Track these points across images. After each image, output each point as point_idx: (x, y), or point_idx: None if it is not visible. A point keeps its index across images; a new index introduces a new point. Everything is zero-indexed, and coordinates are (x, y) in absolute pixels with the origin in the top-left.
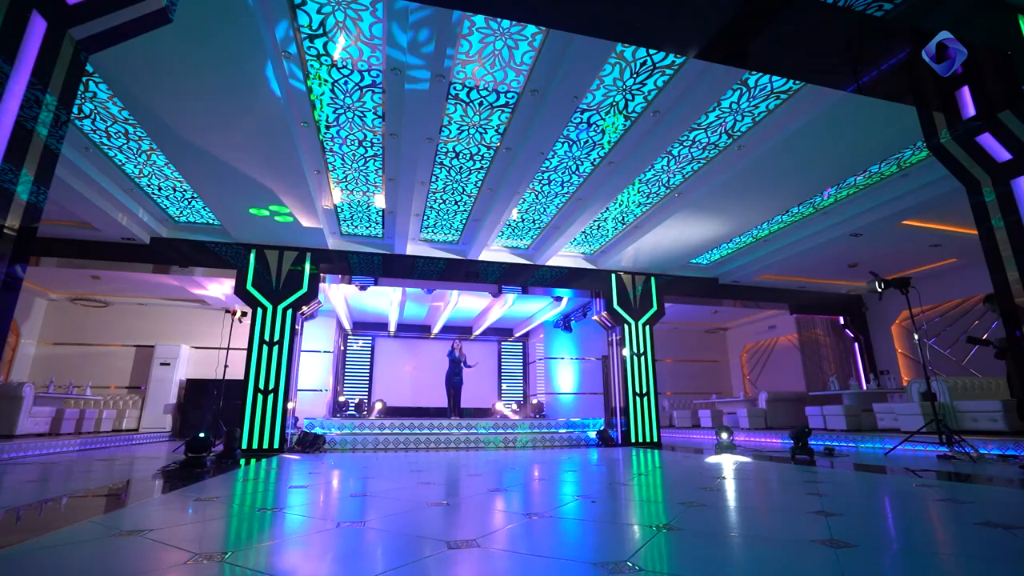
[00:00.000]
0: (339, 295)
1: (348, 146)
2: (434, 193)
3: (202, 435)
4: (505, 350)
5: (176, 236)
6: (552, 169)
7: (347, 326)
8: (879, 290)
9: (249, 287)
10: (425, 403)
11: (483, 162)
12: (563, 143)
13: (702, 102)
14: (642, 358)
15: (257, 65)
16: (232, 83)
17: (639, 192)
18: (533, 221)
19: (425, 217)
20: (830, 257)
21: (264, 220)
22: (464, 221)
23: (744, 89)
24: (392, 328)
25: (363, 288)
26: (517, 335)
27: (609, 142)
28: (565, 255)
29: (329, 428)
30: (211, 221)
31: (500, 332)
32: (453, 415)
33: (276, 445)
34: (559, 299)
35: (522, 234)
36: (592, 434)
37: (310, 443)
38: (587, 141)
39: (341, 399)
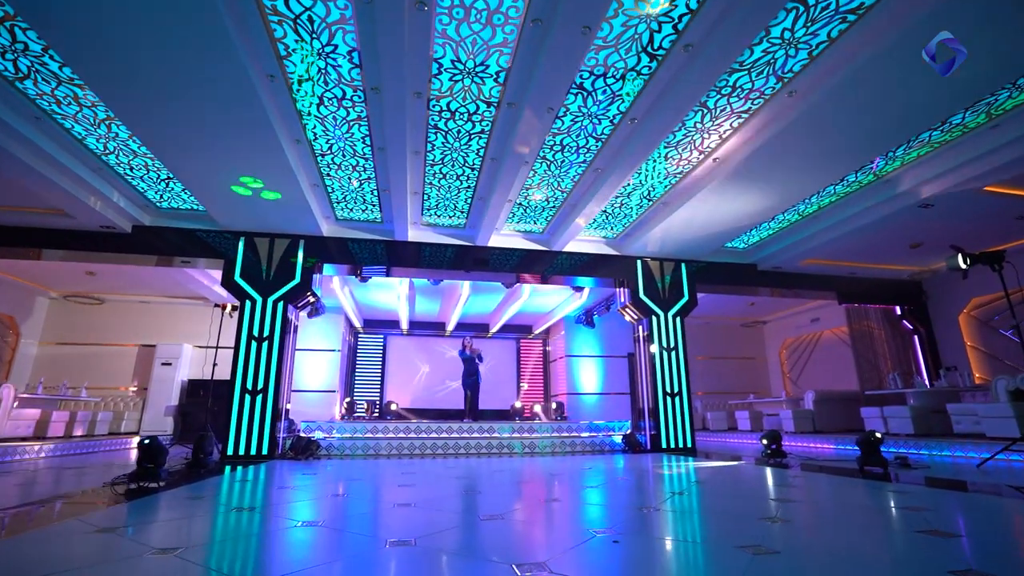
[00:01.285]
0: (344, 289)
1: (326, 107)
2: (432, 166)
3: (147, 441)
4: (524, 348)
5: (159, 224)
6: (565, 131)
7: (357, 324)
8: (963, 267)
9: (237, 278)
10: (440, 404)
11: (483, 124)
12: (576, 93)
13: (746, 28)
14: (673, 353)
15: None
16: (186, 29)
17: (667, 160)
18: (546, 199)
19: (425, 196)
20: (889, 236)
21: (250, 202)
22: (469, 200)
23: (801, 8)
24: (404, 326)
25: (363, 280)
26: (537, 332)
27: (630, 93)
28: (584, 239)
29: (331, 432)
30: (195, 207)
31: (518, 329)
32: (469, 417)
33: (265, 451)
34: (579, 290)
35: (535, 216)
36: (618, 438)
37: (302, 449)
38: (604, 92)
39: (349, 400)
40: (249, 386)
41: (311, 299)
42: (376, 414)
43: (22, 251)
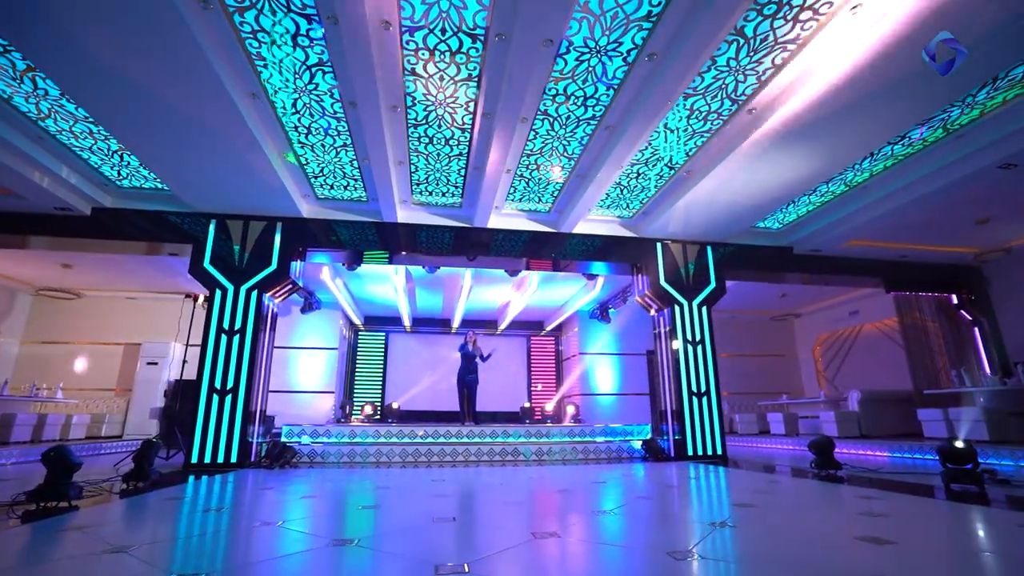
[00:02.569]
0: (335, 281)
1: (281, 47)
2: (415, 126)
3: (52, 453)
4: (535, 346)
5: (122, 206)
6: (569, 75)
7: (357, 321)
8: None
9: (206, 264)
10: (445, 406)
11: (470, 66)
12: (580, 19)
13: None
14: (699, 347)
15: None
16: None
17: (691, 114)
18: (550, 168)
19: (412, 168)
20: (951, 209)
21: (217, 180)
22: (463, 172)
23: None
24: (407, 322)
25: (351, 267)
26: (548, 328)
27: (651, 15)
28: (597, 219)
29: (317, 437)
30: (159, 185)
31: (529, 326)
32: (467, 420)
33: (234, 458)
34: (592, 278)
35: (539, 192)
36: (637, 444)
37: (276, 456)
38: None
39: (342, 403)
40: (218, 385)
41: (291, 288)
42: (377, 417)
43: None
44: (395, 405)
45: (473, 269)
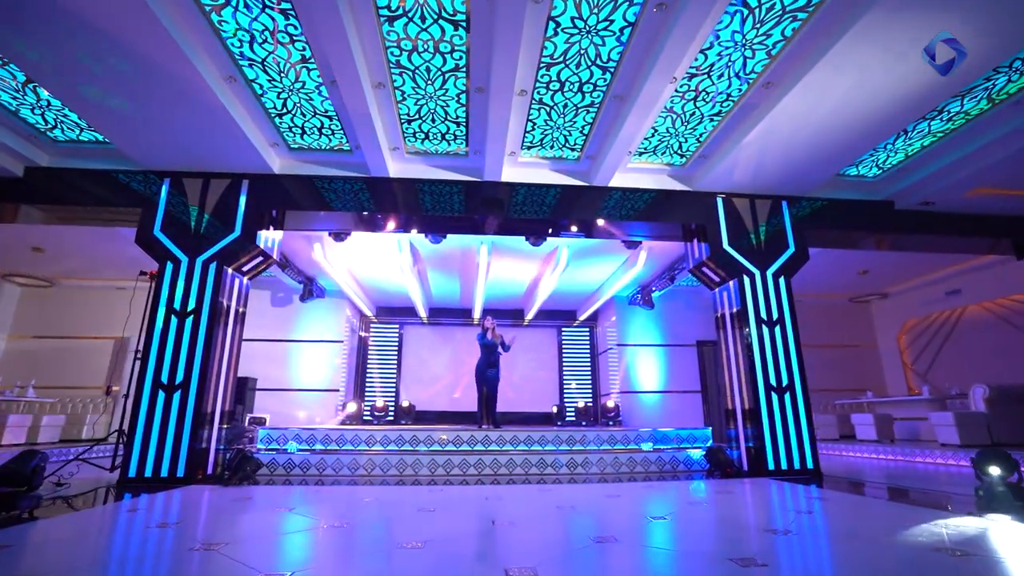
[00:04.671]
0: (335, 262)
1: None
2: (390, 21)
3: None
4: (567, 338)
5: (60, 164)
6: None
7: (367, 311)
8: None
9: (157, 231)
10: (466, 406)
11: None
12: None
13: None
14: (777, 329)
15: None
16: None
17: None
18: (577, 86)
19: (398, 93)
20: None
21: (163, 126)
22: (463, 100)
23: None
24: (423, 313)
25: (339, 238)
26: (582, 318)
27: None
28: (640, 167)
29: (308, 444)
30: (97, 137)
31: (559, 315)
32: (485, 423)
33: (182, 471)
34: (634, 247)
35: (565, 128)
36: (696, 454)
37: (235, 470)
38: None
39: (353, 403)
40: (164, 380)
41: (262, 261)
42: (390, 418)
43: None
44: (405, 404)
45: (489, 241)
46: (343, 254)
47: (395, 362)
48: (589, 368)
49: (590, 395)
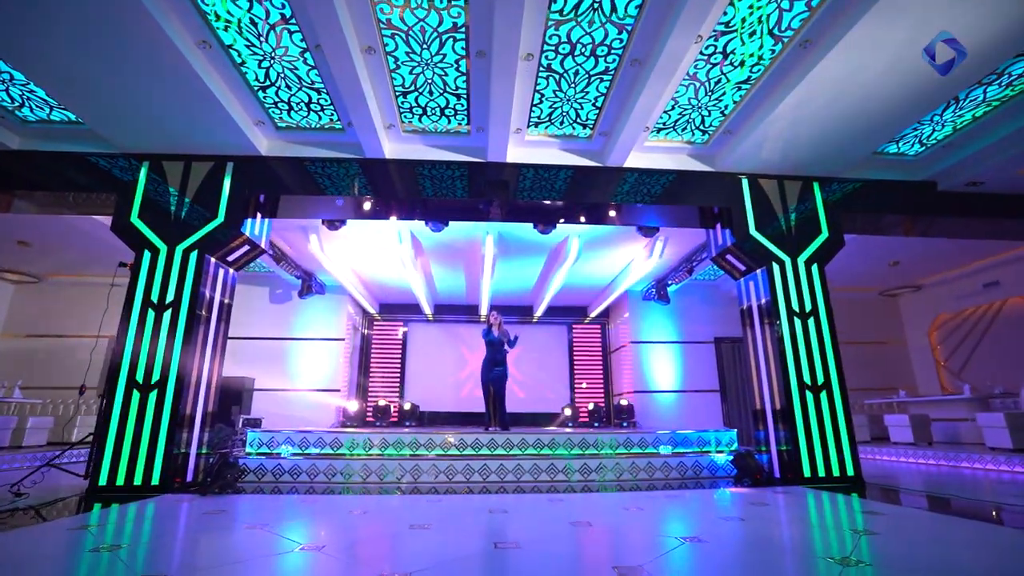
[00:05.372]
0: (333, 254)
1: None
2: None
3: None
4: (577, 336)
5: (32, 148)
6: None
7: (370, 308)
8: None
9: (134, 218)
10: (471, 407)
11: None
12: None
13: None
14: (811, 322)
15: None
16: None
17: None
18: (590, 48)
19: (390, 59)
20: None
21: (137, 103)
22: (463, 68)
23: None
24: (428, 310)
25: (333, 227)
26: (593, 314)
27: None
28: (657, 145)
29: (301, 448)
30: (69, 116)
31: (570, 312)
32: (492, 425)
33: (156, 479)
34: (651, 234)
35: (577, 100)
36: (720, 458)
37: (215, 477)
38: None
39: (354, 403)
40: (139, 378)
41: (249, 251)
42: (395, 419)
43: None
44: (407, 407)
45: (495, 230)
46: (341, 246)
47: (399, 361)
48: (601, 367)
49: (602, 395)
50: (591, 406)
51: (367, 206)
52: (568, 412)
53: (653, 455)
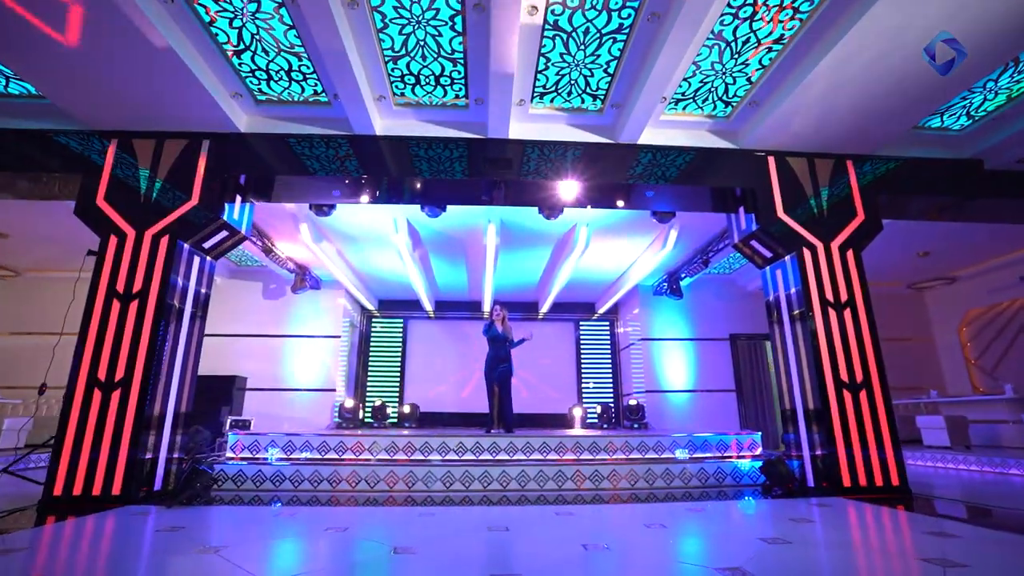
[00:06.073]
0: (326, 246)
1: None
2: None
3: None
4: (585, 333)
5: None
6: None
7: (368, 304)
8: None
9: (100, 200)
10: (474, 407)
11: None
12: None
13: None
14: (848, 312)
15: None
16: None
17: None
18: (602, 1)
19: (377, 16)
20: None
21: (114, 82)
22: (457, 25)
23: None
24: (428, 305)
25: (322, 212)
26: (601, 310)
27: None
28: (675, 120)
29: (286, 452)
30: (28, 89)
31: (577, 308)
32: (496, 426)
33: (117, 489)
34: (665, 220)
35: (587, 65)
36: (745, 463)
37: (182, 486)
38: None
39: (349, 403)
40: (102, 376)
41: (228, 236)
42: (393, 420)
43: None
44: (407, 409)
45: (497, 219)
46: (333, 236)
47: (399, 359)
48: (610, 365)
49: (611, 395)
50: (598, 407)
51: (357, 188)
52: (577, 413)
53: (670, 460)
